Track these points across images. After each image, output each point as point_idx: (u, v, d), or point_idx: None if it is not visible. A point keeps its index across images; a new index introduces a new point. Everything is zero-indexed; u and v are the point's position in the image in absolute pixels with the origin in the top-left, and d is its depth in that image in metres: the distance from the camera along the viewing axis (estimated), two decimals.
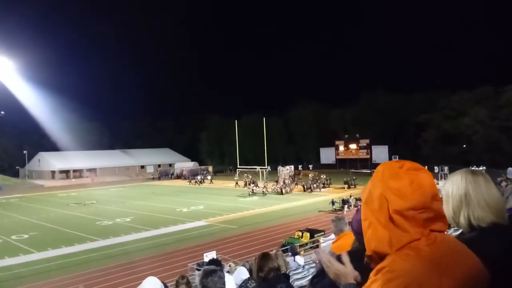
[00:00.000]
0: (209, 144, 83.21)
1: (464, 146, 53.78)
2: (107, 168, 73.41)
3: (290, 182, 43.19)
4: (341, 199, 29.07)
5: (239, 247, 19.35)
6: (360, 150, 61.87)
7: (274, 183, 43.21)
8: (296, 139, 75.66)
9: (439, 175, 38.80)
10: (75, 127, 71.33)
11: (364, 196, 1.24)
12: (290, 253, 9.18)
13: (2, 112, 59.30)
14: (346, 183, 41.25)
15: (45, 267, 17.40)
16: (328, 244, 14.42)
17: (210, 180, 55.86)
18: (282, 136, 75.69)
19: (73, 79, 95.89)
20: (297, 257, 8.84)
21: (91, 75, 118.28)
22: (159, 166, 79.30)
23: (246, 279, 4.09)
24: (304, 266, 8.11)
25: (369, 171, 49.08)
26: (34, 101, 58.30)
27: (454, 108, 54.34)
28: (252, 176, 47.16)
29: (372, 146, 60.43)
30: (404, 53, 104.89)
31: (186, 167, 69.33)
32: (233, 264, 10.73)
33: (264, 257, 3.22)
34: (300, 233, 19.56)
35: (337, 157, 65.78)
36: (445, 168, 39.19)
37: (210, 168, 69.90)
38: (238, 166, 53.37)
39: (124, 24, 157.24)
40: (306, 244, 18.54)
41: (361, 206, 1.30)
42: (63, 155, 68.80)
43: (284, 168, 47.98)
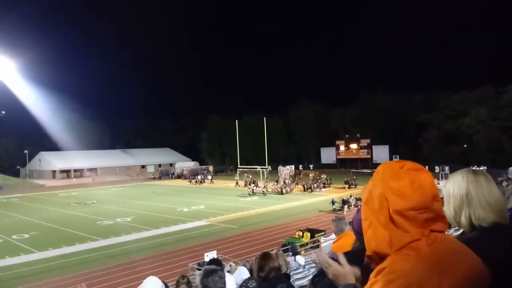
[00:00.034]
0: (210, 144, 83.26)
1: (465, 146, 53.75)
2: (108, 168, 73.47)
3: (290, 182, 43.17)
4: (341, 199, 29.08)
5: (239, 247, 19.36)
6: (360, 150, 61.89)
7: (274, 183, 43.19)
8: (297, 139, 75.68)
9: (440, 175, 38.74)
10: (75, 126, 71.35)
11: (364, 196, 1.24)
12: (290, 253, 9.18)
13: (3, 112, 59.34)
14: (347, 183, 41.27)
15: (45, 266, 17.42)
16: (328, 244, 14.42)
17: (210, 180, 55.87)
18: (283, 136, 75.76)
19: (74, 79, 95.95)
20: (298, 257, 8.84)
21: (91, 75, 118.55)
22: (159, 166, 79.33)
23: (247, 279, 4.08)
24: (304, 266, 8.11)
25: (369, 171, 49.04)
26: (35, 101, 58.33)
27: (455, 108, 54.33)
28: (253, 176, 47.14)
29: (373, 146, 60.44)
30: (404, 53, 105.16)
31: (187, 167, 69.32)
32: (233, 264, 10.72)
33: (265, 257, 3.22)
34: (301, 233, 19.57)
35: (338, 157, 65.78)
36: (446, 168, 39.12)
37: (210, 168, 69.88)
38: (238, 166, 53.34)
39: (124, 24, 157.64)
40: (307, 244, 18.55)
41: (361, 206, 1.30)
42: (64, 155, 68.85)
43: (285, 168, 47.97)
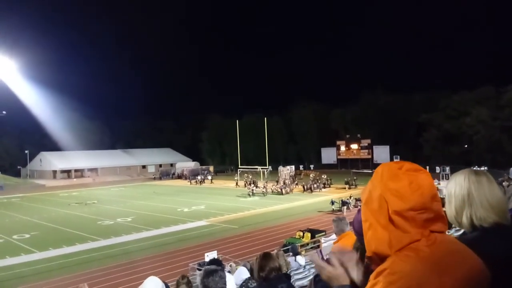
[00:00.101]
0: (210, 144, 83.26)
1: (466, 146, 53.71)
2: (109, 168, 73.49)
3: (290, 182, 43.16)
4: (341, 200, 29.03)
5: (240, 247, 19.36)
6: (361, 150, 61.85)
7: (274, 183, 43.19)
8: (297, 139, 75.68)
9: (441, 175, 38.73)
10: (76, 126, 71.34)
11: (364, 197, 1.24)
12: (291, 253, 9.19)
13: (4, 112, 59.37)
14: (347, 183, 41.26)
15: (46, 266, 17.44)
16: (329, 244, 14.43)
17: (210, 180, 55.92)
18: (283, 136, 75.74)
19: (74, 79, 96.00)
20: (298, 257, 8.84)
21: (91, 75, 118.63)
22: (160, 166, 79.33)
23: (247, 279, 4.08)
24: (305, 266, 8.11)
25: (370, 171, 49.02)
26: (35, 100, 58.40)
27: (456, 108, 54.30)
28: (253, 176, 47.13)
29: (374, 146, 60.39)
30: (404, 53, 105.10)
31: (187, 167, 69.32)
32: (234, 264, 10.72)
33: (265, 257, 3.21)
34: (301, 233, 19.56)
35: (339, 157, 65.74)
36: (447, 169, 39.10)
37: (211, 168, 69.87)
38: (239, 166, 53.34)
39: (124, 24, 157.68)
40: (307, 244, 18.55)
41: (361, 207, 1.30)
42: (65, 155, 68.89)
43: (285, 168, 47.95)
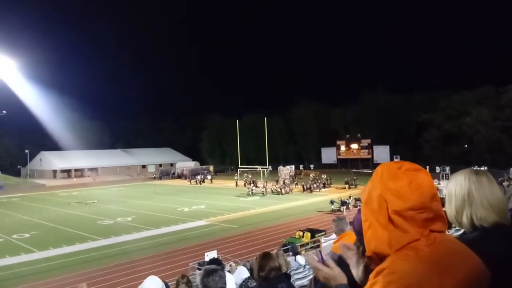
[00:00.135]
0: (210, 143, 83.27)
1: (466, 146, 53.71)
2: (109, 168, 73.51)
3: (290, 182, 43.16)
4: (340, 200, 29.01)
5: (240, 246, 19.36)
6: (361, 150, 61.86)
7: (274, 183, 43.19)
8: (297, 139, 75.68)
9: (441, 175, 38.72)
10: (76, 126, 71.37)
11: (364, 196, 1.24)
12: (291, 253, 9.20)
13: (4, 112, 59.37)
14: (347, 183, 41.26)
15: (46, 266, 17.44)
16: (329, 244, 14.42)
17: (210, 180, 55.92)
18: (283, 136, 75.73)
19: (74, 79, 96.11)
20: (298, 257, 8.85)
21: (92, 75, 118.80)
22: (160, 165, 79.33)
23: (246, 278, 4.09)
24: (305, 266, 8.12)
25: (370, 171, 49.00)
26: (35, 100, 58.33)
27: (456, 108, 54.30)
28: (253, 176, 47.11)
29: (374, 146, 60.39)
30: (404, 53, 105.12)
31: (187, 166, 69.34)
32: (233, 263, 10.72)
33: (265, 257, 3.22)
34: (301, 233, 19.56)
35: (339, 157, 65.76)
36: (447, 168, 39.10)
37: (211, 167, 69.85)
38: (239, 166, 53.34)
39: (124, 24, 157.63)
40: (307, 244, 18.54)
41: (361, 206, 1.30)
42: (65, 154, 68.89)
43: (284, 168, 47.94)
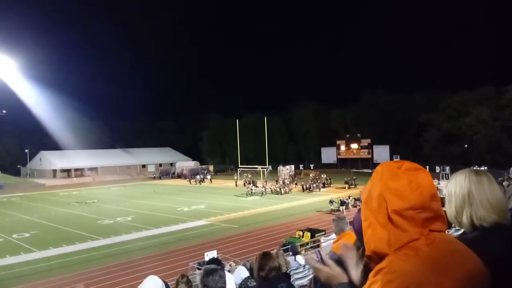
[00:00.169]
0: (210, 143, 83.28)
1: (466, 146, 53.71)
2: (109, 167, 73.50)
3: (290, 182, 43.15)
4: (339, 199, 29.01)
5: (239, 246, 19.37)
6: (361, 150, 61.87)
7: (273, 182, 43.19)
8: (297, 139, 75.71)
9: (441, 175, 38.72)
10: (76, 126, 71.36)
11: (364, 196, 1.24)
12: (291, 253, 9.19)
13: (4, 111, 59.38)
14: (347, 183, 41.27)
15: (46, 265, 17.44)
16: (329, 244, 14.43)
17: (209, 180, 55.91)
18: (283, 136, 75.76)
19: (74, 78, 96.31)
20: (298, 257, 8.85)
21: (92, 74, 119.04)
22: (160, 165, 79.35)
23: (246, 278, 4.08)
24: (304, 266, 8.11)
25: (370, 171, 48.98)
26: (35, 100, 58.28)
27: (456, 108, 54.30)
28: (253, 176, 47.10)
29: (374, 146, 60.40)
30: (404, 53, 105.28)
31: (187, 166, 69.36)
32: (233, 263, 10.72)
33: (265, 257, 3.22)
34: (301, 233, 19.57)
35: (339, 156, 65.76)
36: (447, 168, 39.10)
37: (211, 167, 69.88)
38: (239, 166, 53.34)
39: (124, 24, 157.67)
40: (307, 243, 18.55)
41: (361, 206, 1.30)
42: (65, 154, 68.89)
43: (284, 168, 47.92)
